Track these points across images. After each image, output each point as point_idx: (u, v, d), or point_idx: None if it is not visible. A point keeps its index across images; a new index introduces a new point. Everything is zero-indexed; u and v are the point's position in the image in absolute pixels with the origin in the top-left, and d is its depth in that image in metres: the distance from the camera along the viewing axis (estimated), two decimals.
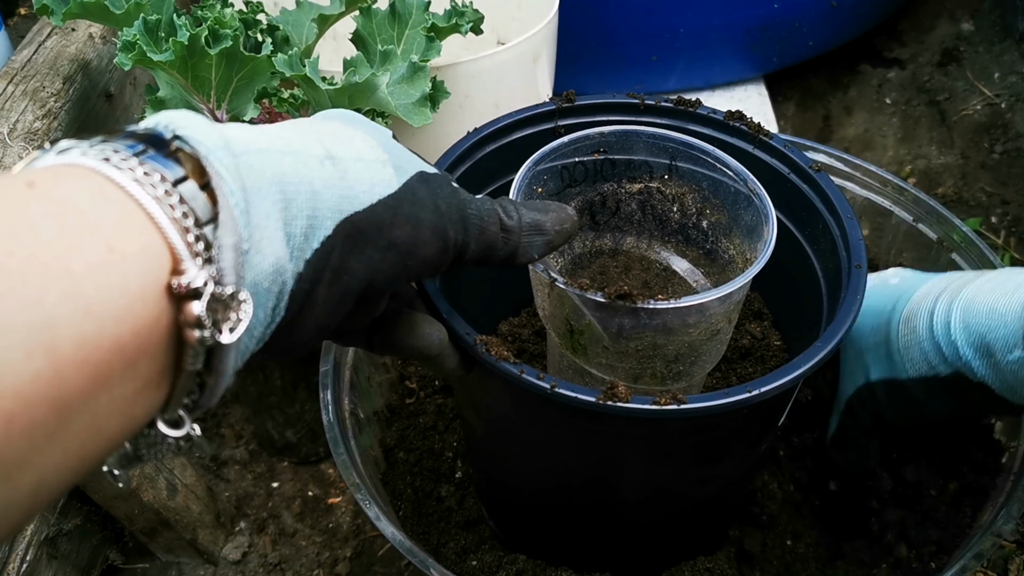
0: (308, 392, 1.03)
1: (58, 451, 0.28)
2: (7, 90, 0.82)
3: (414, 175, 0.43)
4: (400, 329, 0.52)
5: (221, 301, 0.31)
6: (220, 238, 0.32)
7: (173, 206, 0.31)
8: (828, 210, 0.65)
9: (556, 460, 0.66)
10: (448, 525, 0.84)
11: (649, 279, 0.68)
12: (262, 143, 0.36)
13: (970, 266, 0.84)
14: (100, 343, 0.28)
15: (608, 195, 0.67)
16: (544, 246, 0.50)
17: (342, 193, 0.38)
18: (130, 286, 0.29)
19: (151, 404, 0.32)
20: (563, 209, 0.52)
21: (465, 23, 0.83)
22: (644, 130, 0.65)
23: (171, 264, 0.30)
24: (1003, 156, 1.37)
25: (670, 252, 0.68)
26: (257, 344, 0.36)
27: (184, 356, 0.31)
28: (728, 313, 0.57)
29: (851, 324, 0.56)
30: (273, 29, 0.84)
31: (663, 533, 0.74)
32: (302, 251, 0.36)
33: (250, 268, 0.33)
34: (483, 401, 0.66)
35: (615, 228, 0.68)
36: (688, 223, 0.66)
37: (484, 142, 0.69)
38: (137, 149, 0.32)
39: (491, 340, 0.54)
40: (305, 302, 0.38)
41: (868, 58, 1.64)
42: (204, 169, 0.33)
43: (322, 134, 0.40)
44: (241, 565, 1.01)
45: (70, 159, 0.31)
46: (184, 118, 0.34)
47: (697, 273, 0.67)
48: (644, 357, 0.57)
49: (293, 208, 0.36)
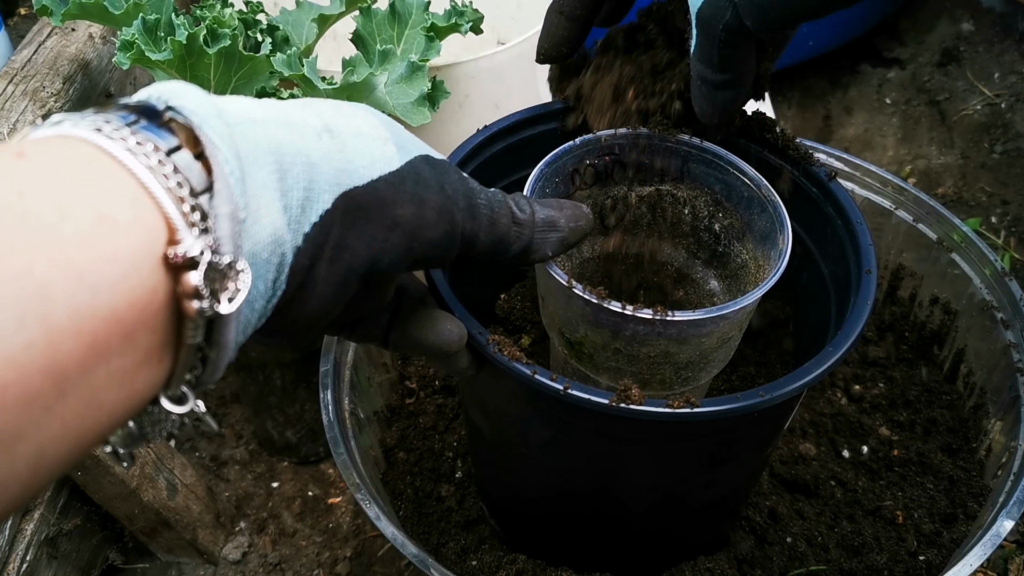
0: (308, 392, 1.03)
1: (56, 423, 0.27)
2: (7, 90, 0.82)
3: (419, 156, 0.43)
4: (419, 325, 0.51)
5: (219, 271, 0.31)
6: (216, 207, 0.32)
7: (167, 175, 0.31)
8: (838, 214, 0.65)
9: (564, 461, 0.66)
10: (448, 525, 0.84)
11: (661, 281, 0.68)
12: (257, 114, 0.36)
13: (970, 267, 0.84)
14: (95, 313, 0.27)
15: (619, 198, 0.66)
16: (558, 243, 0.49)
17: (340, 167, 0.38)
18: (122, 255, 0.28)
19: (153, 379, 0.31)
20: (578, 207, 0.51)
21: (465, 23, 0.83)
22: (655, 133, 0.64)
23: (167, 234, 0.30)
24: (1003, 156, 1.37)
25: (681, 254, 0.68)
26: (259, 319, 0.36)
27: (184, 328, 0.31)
28: (740, 322, 0.57)
29: (862, 329, 0.56)
30: (273, 29, 0.84)
31: (666, 535, 0.74)
32: (300, 224, 0.36)
33: (248, 238, 0.33)
34: (491, 401, 0.66)
35: (625, 231, 0.68)
36: (700, 226, 0.65)
37: (493, 140, 0.68)
38: (129, 119, 0.32)
39: (503, 340, 0.53)
40: (306, 279, 0.37)
41: (868, 58, 1.64)
42: (198, 139, 0.32)
43: (321, 109, 0.40)
44: (241, 565, 1.01)
45: (62, 131, 0.31)
46: (177, 89, 0.33)
47: (709, 276, 0.67)
48: (655, 364, 0.56)
49: (289, 179, 0.35)
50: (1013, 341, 0.77)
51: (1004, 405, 0.80)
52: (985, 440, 0.83)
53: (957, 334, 0.89)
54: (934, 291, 0.91)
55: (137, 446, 0.35)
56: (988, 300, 0.82)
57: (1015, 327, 0.78)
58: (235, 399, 1.17)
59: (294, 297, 0.37)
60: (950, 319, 0.89)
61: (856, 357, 0.96)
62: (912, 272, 0.93)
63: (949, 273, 0.87)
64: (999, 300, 0.81)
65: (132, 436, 0.34)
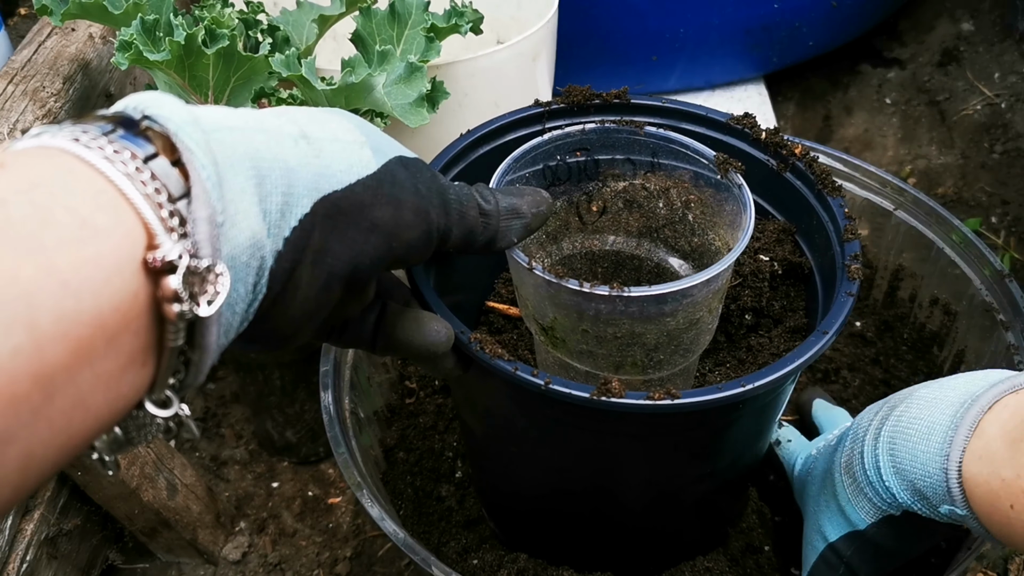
0: (308, 392, 1.03)
1: (44, 426, 0.28)
2: (7, 90, 0.82)
3: (393, 158, 0.44)
4: (405, 327, 0.51)
5: (197, 274, 0.32)
6: (193, 211, 0.32)
7: (145, 182, 0.31)
8: (821, 205, 0.65)
9: (554, 458, 0.66)
10: (448, 525, 0.84)
11: (641, 278, 0.68)
12: (233, 121, 0.36)
13: (970, 266, 0.84)
14: (79, 317, 0.28)
15: (594, 194, 0.68)
16: (522, 229, 0.51)
17: (318, 171, 0.39)
18: (104, 260, 0.29)
19: (137, 382, 0.32)
20: (538, 192, 0.53)
21: (465, 23, 0.83)
22: (624, 127, 0.65)
23: (146, 239, 0.31)
24: (1003, 156, 1.37)
25: (660, 248, 0.68)
26: (241, 322, 0.36)
27: (166, 332, 0.32)
28: (708, 302, 0.57)
29: (846, 317, 0.56)
30: (273, 29, 0.84)
31: (663, 531, 0.74)
32: (279, 228, 0.36)
33: (226, 241, 0.33)
34: (480, 401, 0.66)
35: (603, 228, 0.69)
36: (675, 218, 0.66)
37: (478, 143, 0.70)
38: (106, 129, 0.32)
39: (485, 338, 0.54)
40: (288, 282, 0.38)
41: (868, 58, 1.64)
42: (175, 146, 0.33)
43: (295, 116, 0.41)
44: (241, 565, 1.01)
45: (41, 142, 0.31)
46: (153, 98, 0.34)
47: (687, 268, 0.67)
48: (623, 345, 0.57)
49: (267, 184, 0.36)
50: (1013, 343, 0.77)
51: None
52: None
53: (957, 335, 0.88)
54: (934, 292, 0.91)
55: (123, 451, 0.35)
56: (988, 301, 0.81)
57: (1015, 328, 0.77)
58: (235, 399, 1.17)
59: (276, 300, 0.38)
60: (950, 320, 0.89)
61: (855, 357, 0.96)
62: (912, 273, 0.93)
63: (949, 273, 0.87)
64: (999, 301, 0.80)
65: (118, 442, 0.35)
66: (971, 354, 0.87)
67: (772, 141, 0.68)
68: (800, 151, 0.67)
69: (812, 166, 0.66)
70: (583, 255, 0.69)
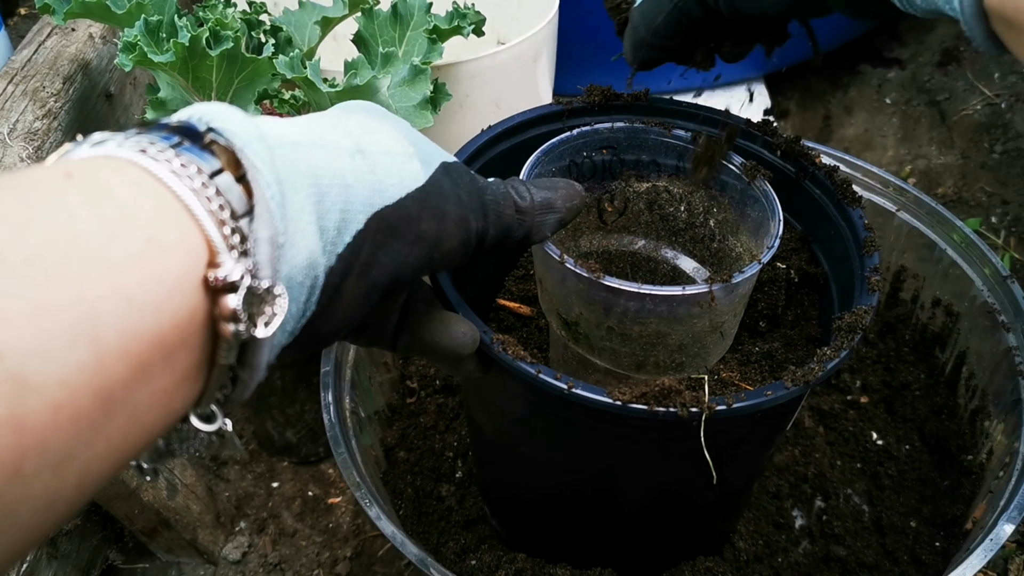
0: (308, 392, 1.03)
1: (102, 443, 0.27)
2: (7, 90, 0.82)
3: (438, 167, 0.44)
4: (431, 328, 0.51)
5: (257, 295, 0.31)
6: (256, 231, 0.32)
7: (210, 198, 0.31)
8: (841, 216, 0.65)
9: (566, 459, 0.66)
10: (448, 525, 0.84)
11: (656, 280, 0.68)
12: (294, 136, 0.36)
13: (971, 267, 0.84)
14: (141, 334, 0.28)
15: (616, 193, 0.67)
16: (556, 223, 0.51)
17: (373, 187, 0.39)
18: (168, 276, 0.29)
19: (188, 398, 0.32)
20: (571, 185, 0.52)
21: (467, 25, 0.83)
22: (653, 128, 0.65)
23: (207, 256, 0.30)
24: (1003, 156, 1.37)
25: (677, 252, 0.68)
26: (288, 338, 0.36)
27: (219, 349, 0.31)
28: (733, 307, 0.57)
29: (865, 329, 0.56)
30: (276, 30, 0.83)
31: (668, 534, 0.74)
32: (335, 245, 0.36)
33: (285, 262, 0.33)
34: (494, 400, 0.66)
35: (623, 228, 0.68)
36: (696, 222, 0.66)
37: (497, 140, 0.69)
38: (173, 141, 0.32)
39: (508, 339, 0.54)
40: (334, 295, 0.38)
41: (868, 58, 1.64)
42: (239, 161, 0.33)
43: (350, 128, 0.40)
44: (241, 565, 1.01)
45: (106, 151, 0.31)
46: (217, 110, 0.34)
47: (703, 272, 0.67)
48: (648, 344, 0.57)
49: (327, 202, 0.36)
50: (1014, 344, 0.77)
51: (1005, 408, 0.80)
52: (987, 443, 0.83)
53: (959, 336, 0.89)
54: (936, 293, 0.91)
55: (163, 462, 0.35)
56: (990, 302, 0.82)
57: (1016, 330, 0.78)
58: None
59: (320, 313, 0.38)
60: (952, 321, 0.89)
61: (856, 359, 0.96)
62: (914, 274, 0.93)
63: (951, 274, 0.87)
64: (1000, 303, 0.81)
65: (159, 452, 0.35)
66: (973, 355, 0.87)
67: (792, 149, 0.68)
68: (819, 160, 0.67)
69: (831, 176, 0.66)
70: (600, 253, 0.69)
